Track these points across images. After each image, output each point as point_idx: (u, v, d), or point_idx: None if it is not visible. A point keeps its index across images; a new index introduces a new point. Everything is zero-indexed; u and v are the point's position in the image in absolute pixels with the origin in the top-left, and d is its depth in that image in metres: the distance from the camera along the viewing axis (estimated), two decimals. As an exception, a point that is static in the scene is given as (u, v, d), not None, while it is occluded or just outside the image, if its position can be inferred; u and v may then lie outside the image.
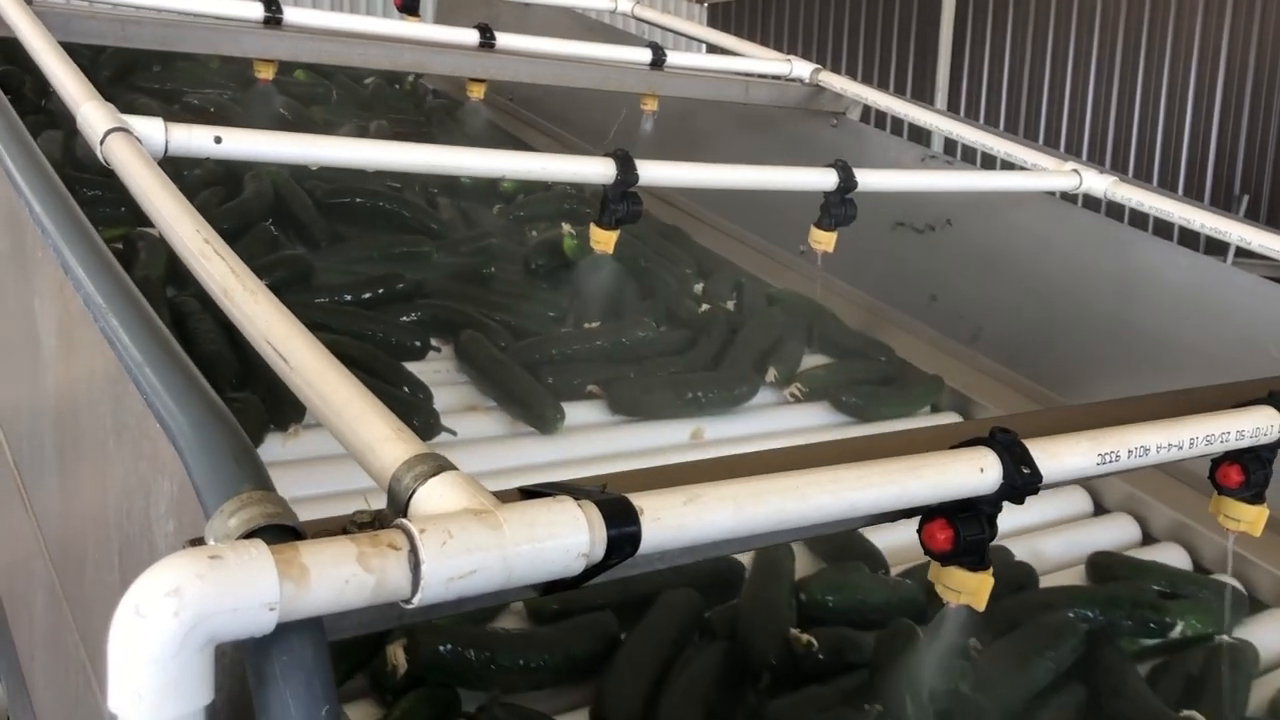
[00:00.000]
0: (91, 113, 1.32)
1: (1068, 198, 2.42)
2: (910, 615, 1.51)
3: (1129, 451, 1.01)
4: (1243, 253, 2.27)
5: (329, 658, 0.63)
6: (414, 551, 0.63)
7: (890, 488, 0.85)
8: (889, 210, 2.67)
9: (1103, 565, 1.86)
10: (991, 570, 0.94)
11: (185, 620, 0.56)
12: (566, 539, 0.68)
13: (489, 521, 0.66)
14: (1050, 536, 1.97)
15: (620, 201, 1.78)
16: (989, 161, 2.59)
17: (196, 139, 1.41)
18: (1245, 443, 1.11)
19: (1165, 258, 2.33)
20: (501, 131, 3.32)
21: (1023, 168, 2.42)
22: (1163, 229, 2.54)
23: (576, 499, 0.71)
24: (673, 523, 0.74)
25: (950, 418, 2.31)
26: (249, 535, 0.65)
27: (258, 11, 2.27)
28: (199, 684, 0.58)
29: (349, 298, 2.14)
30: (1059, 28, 7.41)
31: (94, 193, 2.12)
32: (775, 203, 2.61)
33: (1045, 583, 1.78)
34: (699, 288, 2.52)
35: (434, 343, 2.10)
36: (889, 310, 2.59)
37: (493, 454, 1.84)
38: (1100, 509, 2.11)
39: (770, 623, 1.47)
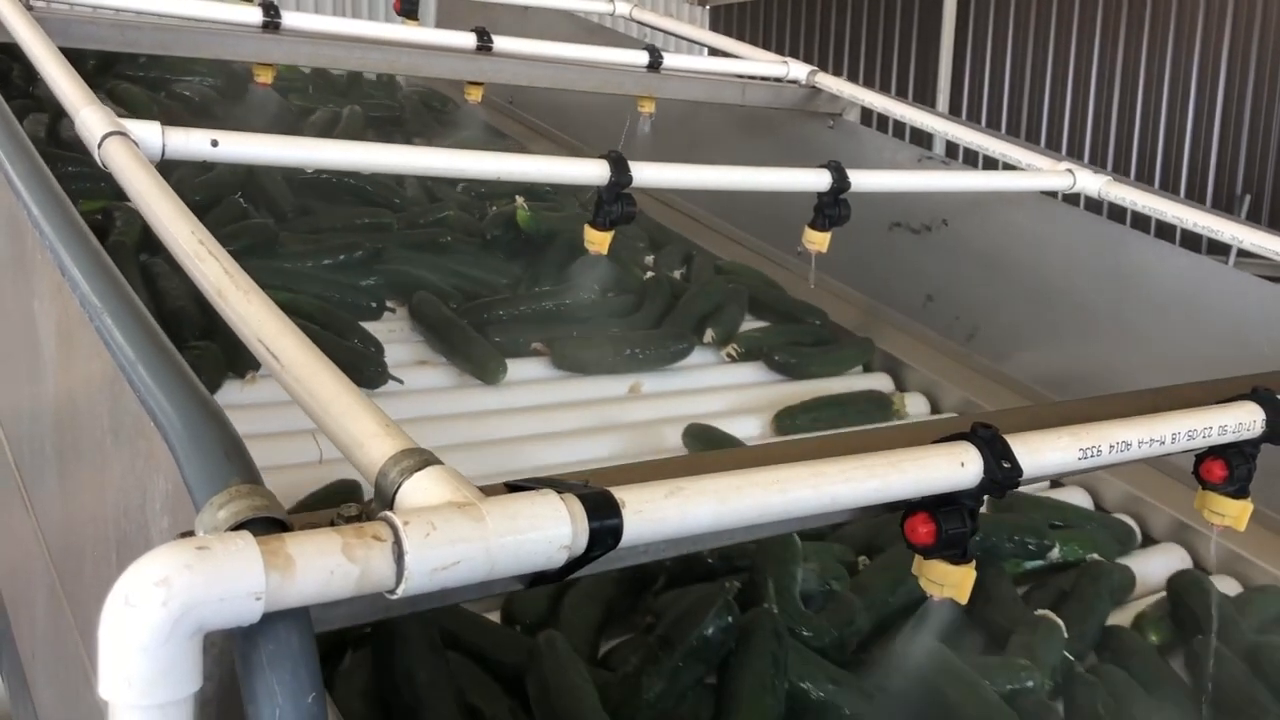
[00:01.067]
0: (89, 117, 1.34)
1: (1067, 199, 2.43)
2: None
3: (1110, 446, 1.02)
4: (1245, 253, 2.28)
5: (315, 647, 0.65)
6: (398, 543, 0.65)
7: (871, 482, 0.87)
8: (885, 211, 2.68)
9: (1004, 503, 1.94)
10: (974, 564, 0.96)
11: (173, 609, 0.58)
12: (548, 531, 0.70)
13: (472, 514, 0.67)
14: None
15: (615, 203, 1.79)
16: (987, 163, 2.60)
17: (193, 142, 1.43)
18: (1228, 438, 1.13)
19: (1159, 257, 2.34)
20: (494, 131, 3.34)
21: (1018, 168, 2.43)
22: (1166, 231, 2.55)
23: (559, 492, 0.72)
24: (654, 515, 0.75)
25: (882, 379, 2.42)
26: (237, 527, 0.67)
27: (256, 16, 2.29)
28: (188, 672, 0.60)
29: (310, 264, 2.25)
30: (1060, 31, 7.42)
31: (76, 169, 2.23)
32: (774, 205, 2.63)
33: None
34: (650, 259, 2.63)
35: (389, 304, 2.23)
36: (885, 310, 2.60)
37: (440, 402, 1.99)
38: (1100, 508, 2.13)
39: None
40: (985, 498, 0.95)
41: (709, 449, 1.89)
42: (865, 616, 1.52)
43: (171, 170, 1.39)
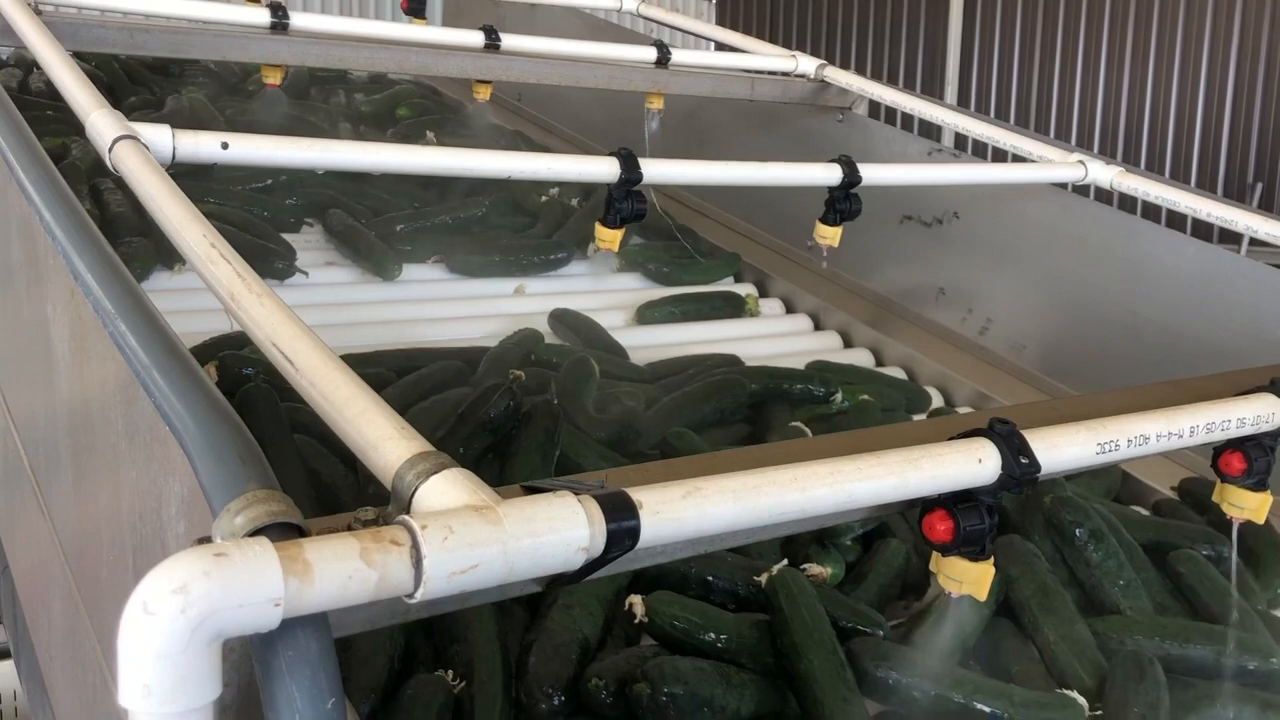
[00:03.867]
0: (100, 120, 1.34)
1: (1077, 190, 2.42)
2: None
3: (1128, 440, 1.01)
4: (1257, 242, 2.27)
5: (334, 652, 0.65)
6: (416, 547, 0.65)
7: (889, 479, 0.86)
8: (896, 204, 2.68)
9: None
10: (993, 560, 0.95)
11: (192, 616, 0.58)
12: (566, 533, 0.70)
13: (489, 517, 0.67)
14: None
15: (625, 200, 1.79)
16: (997, 155, 2.59)
17: (204, 145, 1.43)
18: (1246, 430, 1.12)
19: (1173, 247, 2.32)
20: (498, 128, 3.35)
21: (1029, 160, 2.42)
22: (1177, 221, 2.53)
23: (576, 494, 0.72)
24: (672, 516, 0.75)
25: (746, 286, 2.65)
26: (255, 533, 0.66)
27: (264, 18, 2.29)
28: (207, 679, 0.59)
29: (240, 187, 2.49)
30: (1069, 19, 7.38)
31: (40, 113, 2.48)
32: (785, 199, 2.63)
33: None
34: (554, 191, 2.80)
35: (308, 220, 2.52)
36: (897, 304, 2.59)
37: (342, 293, 2.33)
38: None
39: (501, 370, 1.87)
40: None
41: (571, 330, 2.20)
42: (647, 419, 1.81)
43: (129, 112, 1.54)
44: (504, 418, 1.63)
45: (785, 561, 1.41)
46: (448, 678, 1.25)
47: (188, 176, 2.09)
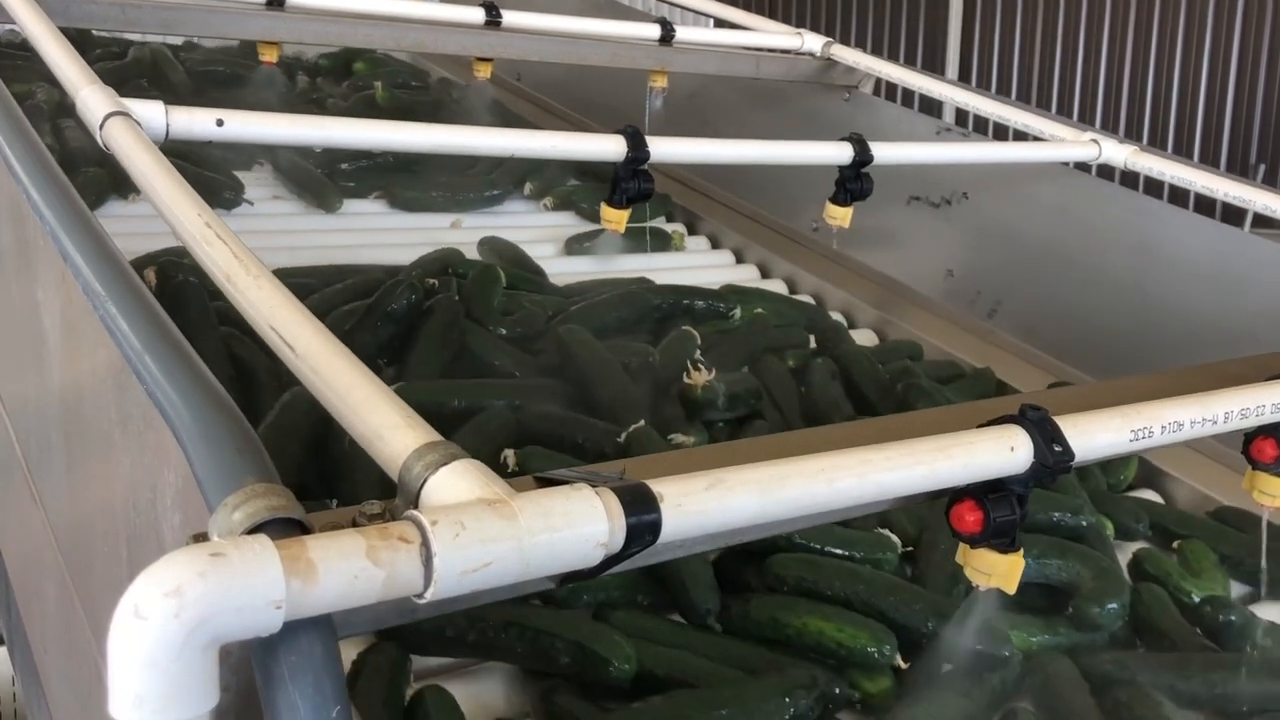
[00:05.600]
0: (90, 97, 1.30)
1: (1086, 168, 2.38)
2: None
3: (1162, 427, 0.97)
4: (1260, 221, 2.23)
5: (339, 656, 0.61)
6: (426, 545, 0.61)
7: (918, 469, 0.82)
8: (904, 185, 2.63)
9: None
10: (1021, 551, 0.92)
11: (187, 621, 0.54)
12: (584, 528, 0.66)
13: (503, 512, 0.63)
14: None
15: (632, 179, 1.75)
16: (1004, 133, 2.55)
17: (198, 122, 1.39)
18: (1280, 416, 1.08)
19: (1185, 227, 2.29)
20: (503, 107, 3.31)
21: (1040, 138, 2.37)
22: (1178, 198, 2.49)
23: (594, 486, 0.68)
24: (695, 509, 0.71)
25: (678, 226, 2.75)
26: (254, 529, 0.63)
27: (261, -7, 2.25)
28: (203, 687, 0.55)
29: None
30: (1071, -3, 7.33)
31: (16, 63, 2.60)
32: (788, 180, 2.59)
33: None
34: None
35: (260, 160, 2.63)
36: (905, 286, 2.55)
37: (285, 222, 2.48)
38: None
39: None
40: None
41: (496, 254, 2.30)
42: (548, 321, 1.95)
43: (92, 64, 1.53)
44: (407, 310, 1.81)
45: (643, 422, 1.61)
46: None
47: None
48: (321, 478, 1.46)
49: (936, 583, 1.46)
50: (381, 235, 2.45)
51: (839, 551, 1.45)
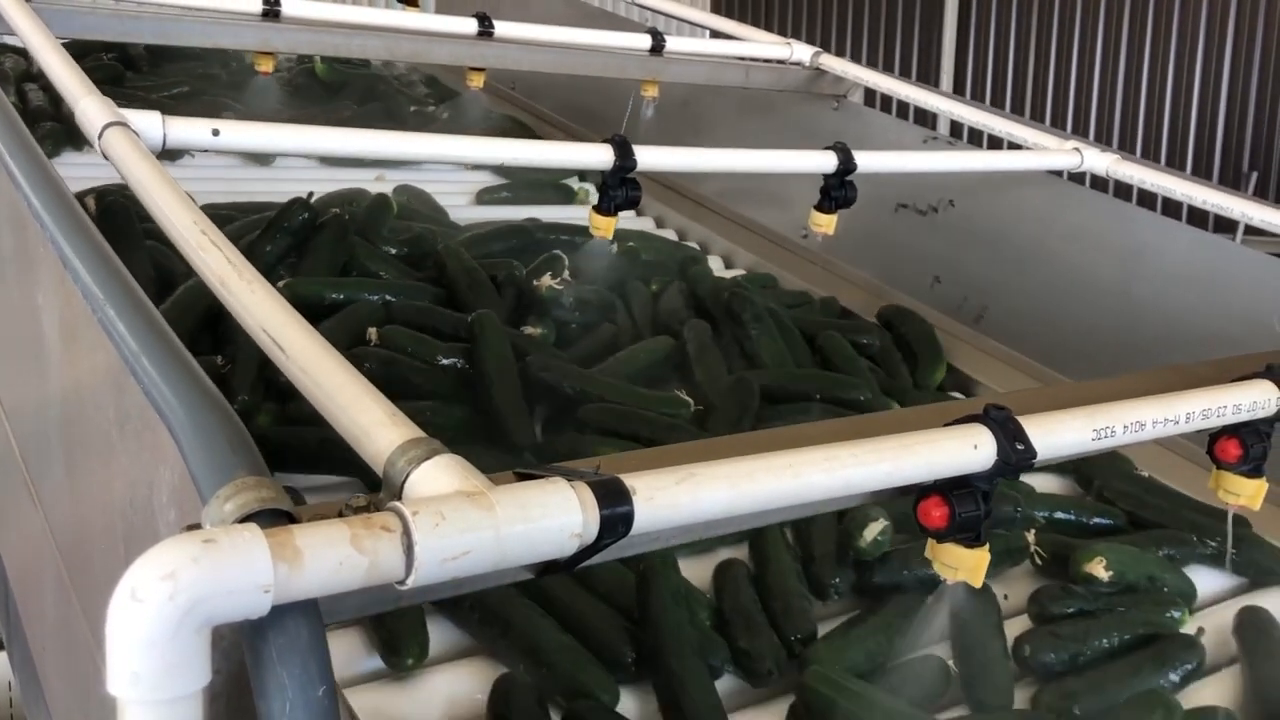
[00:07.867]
0: (89, 107, 1.33)
1: (1073, 177, 2.41)
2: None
3: (1124, 427, 1.01)
4: (1252, 230, 2.26)
5: (325, 639, 0.64)
6: (407, 533, 0.64)
7: (884, 465, 0.86)
8: (891, 192, 2.67)
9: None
10: (987, 546, 0.95)
11: (181, 603, 0.57)
12: (559, 519, 0.69)
13: (481, 503, 0.67)
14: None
15: (619, 187, 1.78)
16: (993, 143, 2.58)
17: (195, 131, 1.42)
18: (1242, 417, 1.12)
19: (1168, 235, 2.32)
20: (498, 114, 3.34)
21: (1025, 147, 2.41)
22: (1172, 209, 2.53)
23: (569, 480, 0.72)
24: (666, 502, 0.75)
25: (586, 185, 2.84)
26: (244, 520, 0.66)
27: (256, 5, 2.28)
28: (196, 666, 0.59)
29: (154, 96, 2.74)
30: (1065, 7, 7.36)
31: None
32: (776, 188, 2.62)
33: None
34: (432, 109, 3.18)
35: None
36: (892, 292, 2.58)
37: (224, 173, 2.65)
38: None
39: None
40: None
41: (414, 201, 2.49)
42: (433, 242, 2.16)
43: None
44: (302, 226, 2.03)
45: (489, 310, 1.83)
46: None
47: (100, 84, 2.34)
48: (215, 344, 1.71)
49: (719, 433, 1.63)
50: (310, 185, 2.49)
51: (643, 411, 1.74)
